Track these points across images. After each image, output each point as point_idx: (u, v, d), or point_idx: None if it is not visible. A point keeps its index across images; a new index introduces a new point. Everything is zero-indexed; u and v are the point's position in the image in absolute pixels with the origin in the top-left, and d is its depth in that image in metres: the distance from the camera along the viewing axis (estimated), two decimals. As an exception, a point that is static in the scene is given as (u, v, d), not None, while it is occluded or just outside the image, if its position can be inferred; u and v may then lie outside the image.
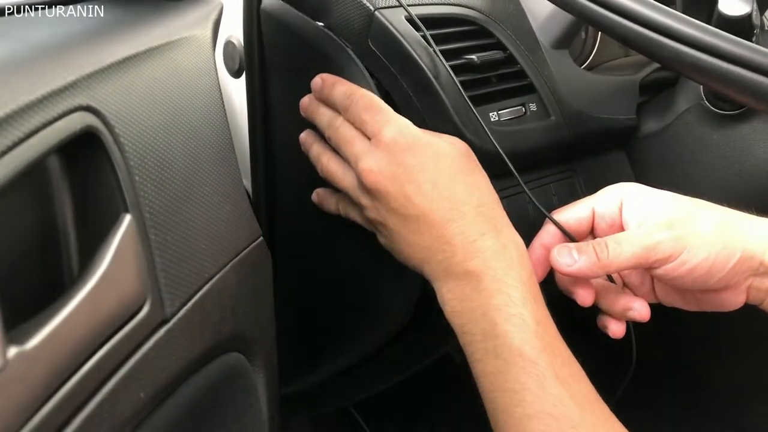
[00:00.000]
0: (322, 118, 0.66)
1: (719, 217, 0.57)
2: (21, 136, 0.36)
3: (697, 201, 0.60)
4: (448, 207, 0.58)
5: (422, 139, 0.61)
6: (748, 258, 0.56)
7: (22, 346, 0.32)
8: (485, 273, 0.57)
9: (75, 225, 0.42)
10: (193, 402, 0.48)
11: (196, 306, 0.47)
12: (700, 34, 0.53)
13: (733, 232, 0.56)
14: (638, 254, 0.56)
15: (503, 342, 0.54)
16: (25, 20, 0.49)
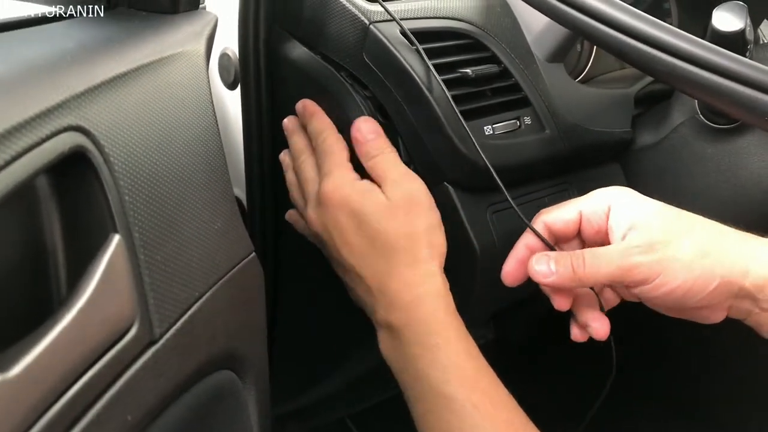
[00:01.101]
0: (295, 146, 0.71)
1: (702, 240, 0.56)
2: (10, 157, 0.36)
3: (685, 216, 0.59)
4: (372, 263, 0.63)
5: (351, 197, 0.63)
6: (726, 284, 0.56)
7: (5, 374, 0.32)
8: (406, 326, 0.61)
9: (63, 245, 0.42)
10: (181, 421, 0.48)
11: (185, 326, 0.47)
12: (694, 48, 0.53)
13: (715, 257, 0.56)
14: (614, 273, 0.57)
15: (426, 385, 0.59)
16: (11, 38, 0.49)
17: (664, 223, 0.58)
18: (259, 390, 0.58)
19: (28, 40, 0.49)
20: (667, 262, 0.55)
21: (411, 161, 0.69)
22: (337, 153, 0.66)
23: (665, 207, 0.59)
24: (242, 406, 0.56)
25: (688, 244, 0.56)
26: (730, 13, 0.64)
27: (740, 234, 0.58)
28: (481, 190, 0.71)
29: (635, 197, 0.61)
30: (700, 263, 0.55)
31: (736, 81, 0.52)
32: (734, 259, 0.56)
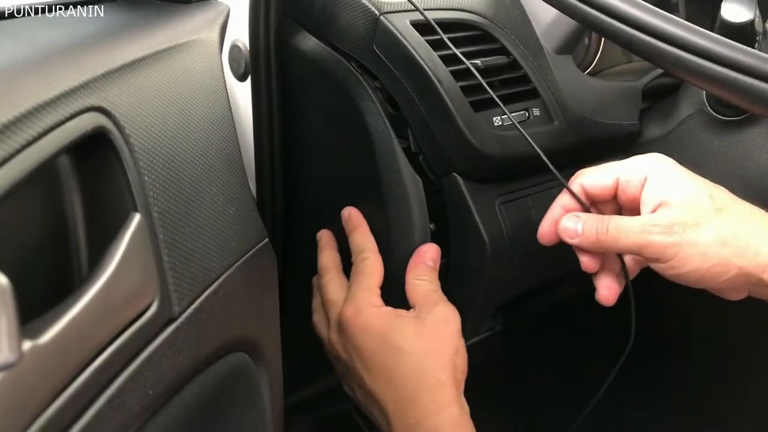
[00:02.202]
0: (322, 262, 0.73)
1: (726, 228, 0.56)
2: (34, 135, 0.37)
3: (719, 196, 0.58)
4: (394, 388, 0.62)
5: (375, 322, 0.64)
6: (744, 275, 0.56)
7: (36, 341, 0.33)
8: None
9: (85, 223, 0.43)
10: (199, 400, 0.48)
11: (202, 305, 0.48)
12: (702, 41, 0.53)
13: (735, 248, 0.55)
14: (631, 247, 0.58)
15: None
16: (34, 22, 0.50)
17: (695, 204, 0.57)
18: (272, 374, 0.59)
19: (48, 24, 0.50)
20: (684, 247, 0.55)
21: (420, 152, 0.70)
22: (373, 276, 0.67)
23: (701, 185, 0.58)
24: (256, 388, 0.57)
25: (710, 231, 0.55)
26: (739, 4, 0.64)
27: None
28: (490, 181, 0.71)
29: (673, 171, 0.59)
30: (718, 253, 0.55)
31: (744, 72, 0.52)
32: (756, 251, 0.55)
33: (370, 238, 0.70)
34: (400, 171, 0.67)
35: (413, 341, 0.62)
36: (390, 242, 0.69)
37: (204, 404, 0.49)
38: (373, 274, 0.67)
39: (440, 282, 0.72)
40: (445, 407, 0.61)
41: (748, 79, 0.52)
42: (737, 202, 0.58)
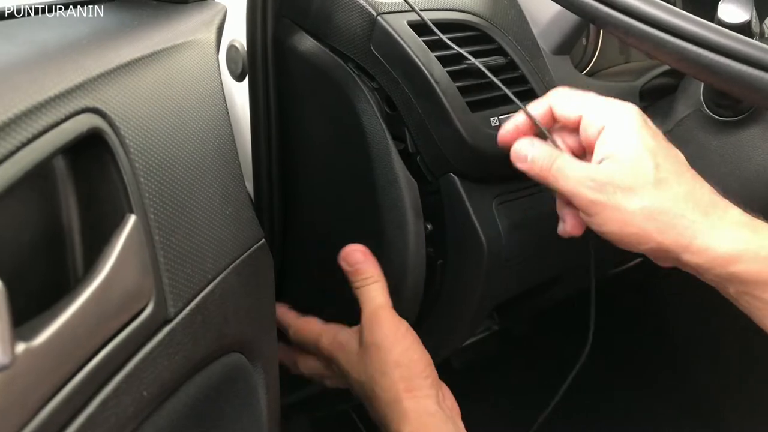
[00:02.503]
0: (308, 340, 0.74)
1: (657, 202, 0.54)
2: (29, 136, 0.37)
3: (666, 168, 0.55)
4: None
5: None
6: (663, 250, 0.55)
7: (30, 343, 0.33)
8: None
9: (80, 225, 0.43)
10: (194, 402, 0.48)
11: (198, 307, 0.48)
12: (703, 31, 0.53)
13: (659, 223, 0.54)
14: (565, 193, 0.58)
15: None
16: (31, 22, 0.50)
17: (636, 168, 0.55)
18: (269, 375, 0.59)
19: (44, 25, 0.50)
20: (608, 208, 0.55)
21: (417, 152, 0.70)
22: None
23: (652, 150, 0.56)
24: (252, 389, 0.57)
25: (639, 201, 0.54)
26: (736, 5, 0.64)
27: (712, 205, 0.55)
28: (487, 181, 0.71)
29: (633, 126, 0.57)
30: (640, 224, 0.55)
31: (743, 62, 0.52)
32: (680, 231, 0.54)
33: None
34: (395, 173, 0.68)
35: (358, 367, 0.67)
36: (384, 244, 0.69)
37: (200, 405, 0.49)
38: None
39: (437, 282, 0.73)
40: (403, 418, 0.63)
41: (746, 68, 0.52)
42: (682, 178, 0.56)
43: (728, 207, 0.56)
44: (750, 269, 0.54)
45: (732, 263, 0.54)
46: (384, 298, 0.68)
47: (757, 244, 0.54)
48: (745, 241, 0.54)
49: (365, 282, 0.68)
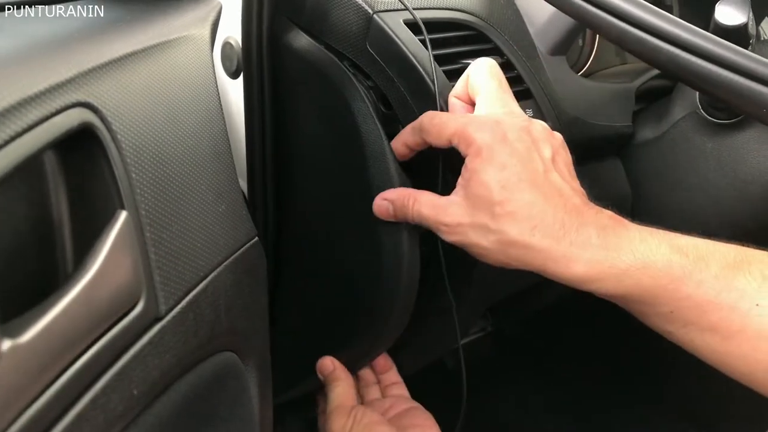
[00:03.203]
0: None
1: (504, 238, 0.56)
2: (18, 130, 0.36)
3: (523, 200, 0.56)
4: None
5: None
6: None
7: (16, 340, 0.32)
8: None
9: (70, 221, 0.42)
10: (185, 400, 0.48)
11: (190, 304, 0.47)
12: (696, 39, 0.53)
13: (511, 255, 0.57)
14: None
15: None
16: (25, 17, 0.49)
17: (486, 206, 0.57)
18: (261, 374, 0.58)
19: (37, 19, 0.49)
20: (465, 246, 0.59)
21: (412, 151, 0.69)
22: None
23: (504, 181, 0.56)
24: (244, 388, 0.56)
25: (489, 237, 0.57)
26: (732, 8, 0.64)
27: (563, 229, 0.56)
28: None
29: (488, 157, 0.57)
30: (496, 257, 0.58)
31: (736, 72, 0.52)
32: (530, 261, 0.56)
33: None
34: (390, 173, 0.67)
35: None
36: (379, 243, 0.68)
37: (191, 404, 0.49)
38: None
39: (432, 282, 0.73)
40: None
41: (740, 79, 0.52)
42: (534, 208, 0.56)
43: (582, 227, 0.55)
44: (603, 287, 0.55)
45: (587, 283, 0.55)
46: (343, 397, 0.74)
47: (608, 264, 0.54)
48: (597, 261, 0.54)
49: (332, 381, 0.75)
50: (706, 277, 0.54)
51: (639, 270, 0.54)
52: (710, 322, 0.54)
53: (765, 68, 0.51)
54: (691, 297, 0.54)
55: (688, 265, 0.54)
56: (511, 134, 0.57)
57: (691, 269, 0.54)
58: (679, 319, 0.55)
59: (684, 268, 0.54)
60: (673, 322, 0.56)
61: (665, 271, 0.54)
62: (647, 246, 0.55)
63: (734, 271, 0.54)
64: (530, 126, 0.59)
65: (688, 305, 0.54)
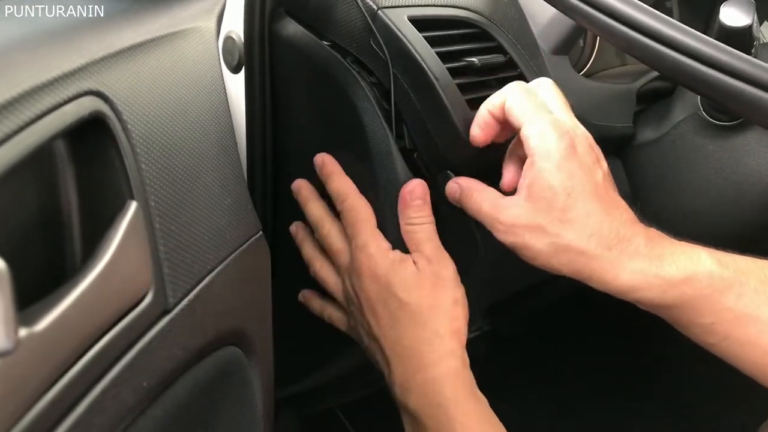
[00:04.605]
0: (312, 214, 0.70)
1: (560, 242, 0.57)
2: (31, 117, 0.36)
3: (585, 208, 0.57)
4: (394, 336, 0.62)
5: (383, 268, 0.63)
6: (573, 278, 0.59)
7: (32, 328, 0.32)
8: (423, 411, 0.60)
9: (79, 210, 0.42)
10: (191, 394, 0.48)
11: (197, 297, 0.47)
12: (699, 45, 0.53)
13: (562, 259, 0.58)
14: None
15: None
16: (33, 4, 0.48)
17: (548, 208, 0.57)
18: (264, 369, 0.58)
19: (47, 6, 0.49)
20: (516, 247, 0.60)
21: (415, 149, 0.69)
22: (368, 221, 0.66)
23: (570, 188, 0.57)
24: (247, 383, 0.56)
25: (544, 240, 0.58)
26: (737, 9, 0.65)
27: (617, 239, 0.57)
28: (483, 179, 0.71)
29: (556, 160, 0.57)
30: (546, 261, 0.58)
31: (740, 78, 0.52)
32: (580, 268, 0.57)
33: (348, 180, 0.69)
34: (396, 172, 0.67)
35: (412, 292, 0.62)
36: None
37: (196, 398, 0.49)
38: (365, 218, 0.66)
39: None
40: (443, 359, 0.61)
41: (743, 85, 0.52)
42: (592, 217, 0.57)
43: (634, 237, 0.57)
44: (647, 296, 0.57)
45: (632, 292, 0.57)
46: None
47: (652, 273, 0.56)
48: (642, 271, 0.56)
49: (424, 221, 0.66)
50: (746, 290, 0.55)
51: (682, 281, 0.56)
52: (749, 335, 0.56)
53: (766, 74, 0.52)
54: (731, 309, 0.56)
55: (729, 278, 0.56)
56: (580, 147, 0.59)
57: (731, 282, 0.56)
58: (719, 332, 0.57)
59: (725, 281, 0.56)
60: (714, 334, 0.57)
61: (707, 283, 0.56)
62: (689, 258, 0.57)
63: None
64: (593, 142, 0.61)
65: (728, 318, 0.56)
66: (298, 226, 0.73)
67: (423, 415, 0.60)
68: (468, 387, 0.61)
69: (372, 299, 0.63)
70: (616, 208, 0.58)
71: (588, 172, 0.58)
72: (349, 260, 0.65)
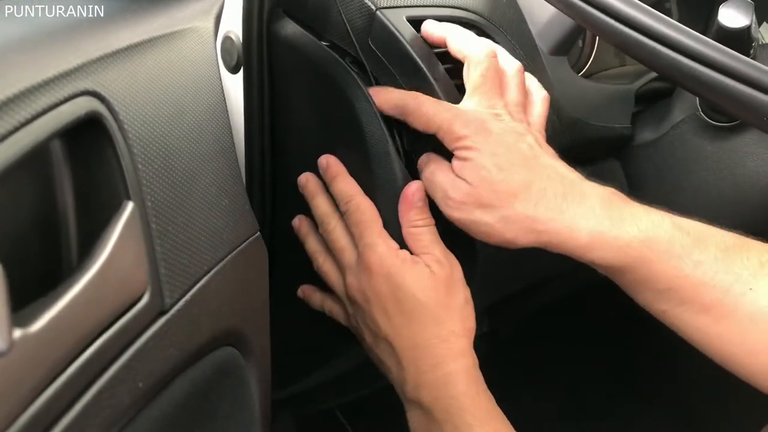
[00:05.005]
0: (318, 209, 0.70)
1: (510, 213, 0.58)
2: (27, 117, 0.36)
3: (525, 177, 0.58)
4: (407, 335, 0.62)
5: (396, 268, 0.63)
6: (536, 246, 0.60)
7: (26, 329, 0.32)
8: (436, 404, 0.60)
9: (75, 210, 0.41)
10: (187, 395, 0.47)
11: (194, 298, 0.47)
12: (697, 45, 0.53)
13: (517, 229, 0.58)
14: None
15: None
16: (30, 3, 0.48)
17: (490, 186, 0.59)
18: (261, 370, 0.58)
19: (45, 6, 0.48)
20: (469, 223, 0.61)
21: (413, 150, 0.69)
22: (375, 221, 0.66)
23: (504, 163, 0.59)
24: (245, 384, 0.56)
25: (494, 215, 0.59)
26: (736, 10, 0.65)
27: (565, 199, 0.58)
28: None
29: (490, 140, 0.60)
30: (501, 233, 0.59)
31: (737, 80, 0.52)
32: (540, 231, 0.58)
33: (353, 182, 0.68)
34: (394, 172, 0.67)
35: (429, 293, 0.62)
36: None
37: (193, 399, 0.48)
38: (371, 218, 0.66)
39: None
40: (458, 356, 0.61)
41: (740, 86, 0.52)
42: (535, 185, 0.58)
43: (583, 198, 0.58)
44: (605, 256, 0.57)
45: (589, 252, 0.57)
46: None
47: (612, 234, 0.57)
48: (600, 232, 0.57)
49: (428, 223, 0.66)
50: (705, 258, 0.55)
51: (642, 243, 0.56)
52: (704, 302, 0.56)
53: (764, 75, 0.51)
54: (688, 276, 0.56)
55: (689, 245, 0.56)
56: (496, 129, 0.60)
57: (690, 249, 0.56)
58: (674, 298, 0.57)
59: (684, 247, 0.56)
60: (668, 301, 0.58)
61: (666, 247, 0.56)
62: (651, 221, 0.57)
63: (732, 255, 0.56)
64: (514, 125, 0.62)
65: (684, 284, 0.56)
66: (302, 220, 0.72)
67: (435, 408, 0.60)
68: (480, 384, 0.62)
69: (384, 298, 0.63)
70: (554, 173, 0.60)
71: (510, 148, 0.59)
72: (355, 259, 0.65)
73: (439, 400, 0.60)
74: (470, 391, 0.60)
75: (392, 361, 0.64)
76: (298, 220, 0.73)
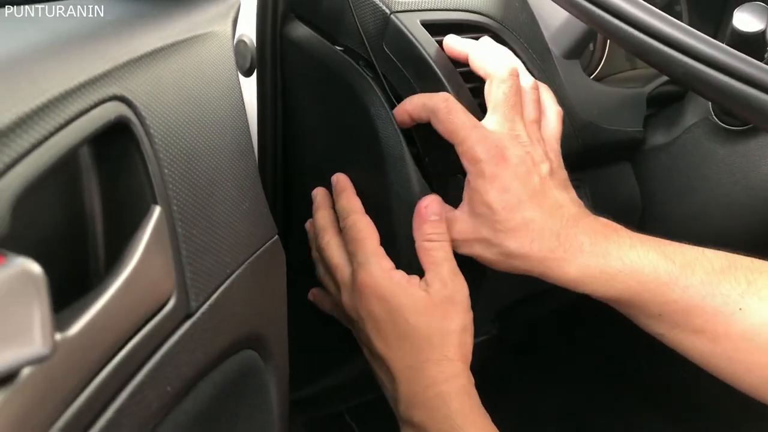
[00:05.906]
0: (318, 221, 0.71)
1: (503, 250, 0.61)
2: (60, 123, 0.36)
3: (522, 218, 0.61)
4: (401, 356, 0.63)
5: (388, 291, 0.63)
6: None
7: (65, 333, 0.32)
8: (429, 424, 0.60)
9: (103, 215, 0.42)
10: (210, 398, 0.48)
11: (218, 301, 0.47)
12: (711, 50, 0.53)
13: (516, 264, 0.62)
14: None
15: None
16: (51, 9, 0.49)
17: (486, 221, 0.62)
18: (279, 372, 0.58)
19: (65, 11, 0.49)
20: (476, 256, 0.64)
21: (426, 154, 0.69)
22: (369, 239, 0.66)
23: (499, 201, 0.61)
24: (264, 387, 0.56)
25: (493, 251, 0.63)
26: (751, 14, 0.65)
27: (558, 240, 0.60)
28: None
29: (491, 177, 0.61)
30: (503, 264, 0.63)
31: (751, 85, 0.53)
32: (534, 266, 0.61)
33: (356, 200, 0.69)
34: (410, 177, 0.67)
35: (422, 318, 0.62)
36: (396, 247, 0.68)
37: (215, 402, 0.49)
38: (367, 236, 0.66)
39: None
40: (451, 378, 0.61)
41: (754, 91, 0.52)
42: (531, 225, 0.61)
43: (577, 236, 0.60)
44: (595, 289, 0.60)
45: (580, 286, 0.60)
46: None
47: (598, 269, 0.59)
48: (587, 266, 0.60)
49: (442, 239, 0.65)
50: (692, 282, 0.57)
51: (628, 275, 0.59)
52: (696, 324, 0.58)
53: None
54: (677, 301, 0.58)
55: (675, 271, 0.58)
56: (512, 155, 0.61)
57: (677, 275, 0.58)
58: (667, 322, 0.59)
59: (670, 274, 0.58)
60: (662, 324, 0.60)
61: (652, 277, 0.58)
62: (636, 253, 0.59)
63: (720, 276, 0.57)
64: (532, 151, 0.63)
65: (675, 309, 0.58)
66: (312, 224, 0.73)
67: (429, 427, 0.60)
68: (474, 402, 0.62)
69: (377, 319, 0.63)
70: (558, 209, 0.61)
71: (523, 181, 0.61)
72: (349, 276, 0.65)
73: (431, 419, 0.60)
74: (464, 409, 0.61)
75: (387, 377, 0.64)
76: (309, 224, 0.74)
